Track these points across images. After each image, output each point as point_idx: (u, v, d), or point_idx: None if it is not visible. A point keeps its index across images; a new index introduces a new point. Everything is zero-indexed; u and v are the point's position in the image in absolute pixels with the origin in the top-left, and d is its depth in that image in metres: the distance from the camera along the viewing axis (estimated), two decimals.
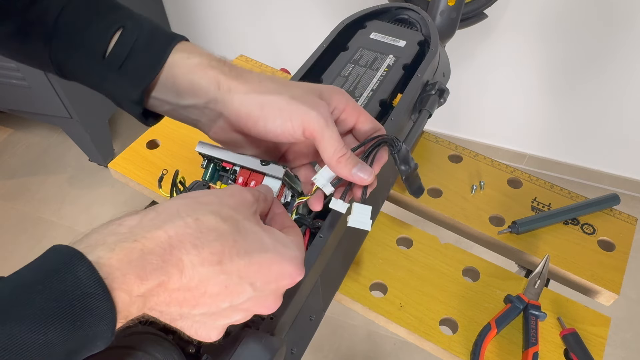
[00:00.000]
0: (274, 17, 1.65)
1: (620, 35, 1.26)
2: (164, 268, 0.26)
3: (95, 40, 0.39)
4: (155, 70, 0.38)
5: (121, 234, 0.27)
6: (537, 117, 1.57)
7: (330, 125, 0.37)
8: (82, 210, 1.67)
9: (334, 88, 0.40)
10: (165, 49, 0.38)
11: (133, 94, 0.39)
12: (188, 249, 0.27)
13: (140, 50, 0.38)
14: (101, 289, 0.24)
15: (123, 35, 0.39)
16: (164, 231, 0.27)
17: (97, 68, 0.39)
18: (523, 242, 0.64)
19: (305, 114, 0.36)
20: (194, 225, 0.28)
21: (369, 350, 1.33)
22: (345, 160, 0.37)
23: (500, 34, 1.38)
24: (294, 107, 0.37)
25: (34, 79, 1.41)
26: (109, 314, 0.24)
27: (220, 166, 0.44)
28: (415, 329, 0.55)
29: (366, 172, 0.37)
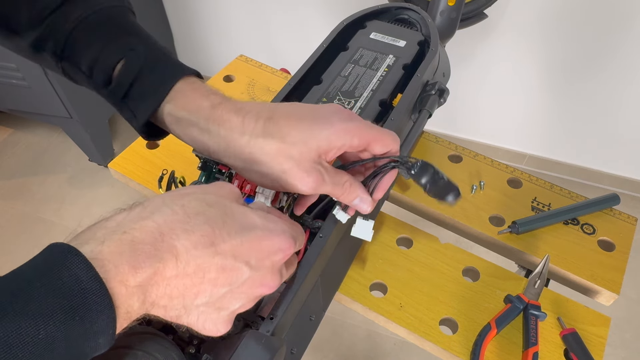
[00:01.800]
0: (274, 17, 1.65)
1: (620, 34, 1.26)
2: (158, 255, 0.27)
3: (100, 68, 0.40)
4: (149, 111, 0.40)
5: (110, 227, 0.27)
6: (537, 117, 1.57)
7: (321, 187, 0.37)
8: (82, 210, 1.67)
9: (341, 123, 0.37)
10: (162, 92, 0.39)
11: (136, 123, 0.41)
12: (179, 234, 0.28)
13: (140, 85, 0.40)
14: (97, 282, 0.24)
15: (125, 67, 0.40)
16: (153, 220, 0.28)
17: (103, 93, 0.42)
18: (523, 242, 0.64)
19: (300, 180, 0.37)
20: (181, 212, 0.29)
21: (369, 350, 1.33)
22: (344, 197, 0.39)
23: (500, 34, 1.38)
24: (285, 170, 0.37)
25: (34, 79, 1.41)
26: (107, 307, 0.24)
27: (216, 169, 0.45)
28: (415, 329, 0.55)
29: (365, 204, 0.40)
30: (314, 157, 0.37)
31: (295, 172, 0.36)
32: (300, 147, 0.36)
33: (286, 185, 0.37)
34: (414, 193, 0.68)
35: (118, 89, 0.40)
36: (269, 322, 0.39)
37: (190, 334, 0.39)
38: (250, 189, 0.43)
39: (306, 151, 0.36)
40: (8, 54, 1.35)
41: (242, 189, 0.43)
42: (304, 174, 0.37)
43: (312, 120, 0.37)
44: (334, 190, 0.38)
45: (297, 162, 0.36)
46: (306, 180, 0.37)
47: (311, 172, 0.36)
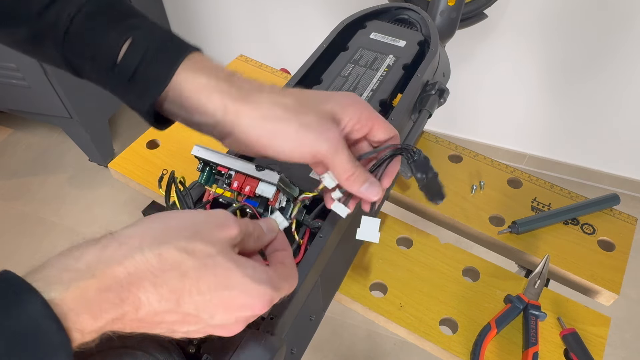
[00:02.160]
0: (274, 17, 1.65)
1: (620, 34, 1.26)
2: (120, 306, 0.26)
3: (105, 50, 0.38)
4: (161, 87, 0.37)
5: (77, 270, 0.26)
6: (537, 117, 1.57)
7: (340, 149, 0.36)
8: (82, 210, 1.67)
9: (348, 98, 0.39)
10: (172, 66, 0.37)
11: (142, 106, 0.39)
12: (146, 287, 0.27)
13: (148, 64, 0.38)
14: (57, 328, 0.24)
15: (132, 47, 0.38)
16: (124, 267, 0.26)
17: (108, 77, 0.39)
18: (523, 242, 0.64)
19: (314, 143, 0.36)
20: (155, 262, 0.27)
21: (369, 350, 1.33)
22: (354, 178, 0.37)
23: (500, 34, 1.38)
24: (303, 136, 0.36)
25: (34, 79, 1.41)
26: (63, 349, 0.24)
27: (216, 170, 0.45)
28: (415, 329, 0.55)
29: (374, 190, 0.38)
30: (330, 119, 0.37)
31: (316, 124, 0.36)
32: (317, 108, 0.37)
33: (301, 145, 0.36)
34: (414, 193, 0.68)
35: (125, 70, 0.38)
36: (269, 322, 0.39)
37: None
38: (250, 190, 0.43)
39: (322, 112, 0.37)
40: (8, 54, 1.35)
41: (241, 190, 0.43)
42: (326, 123, 0.37)
43: (320, 95, 0.39)
44: (347, 165, 0.37)
45: (317, 117, 0.37)
46: (328, 130, 0.36)
47: (332, 127, 0.37)
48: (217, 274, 0.29)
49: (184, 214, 0.31)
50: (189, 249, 0.28)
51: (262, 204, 0.43)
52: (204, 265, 0.28)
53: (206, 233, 0.30)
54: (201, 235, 0.29)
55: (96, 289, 0.25)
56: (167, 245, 0.28)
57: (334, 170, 0.37)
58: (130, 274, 0.26)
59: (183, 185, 0.44)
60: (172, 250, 0.28)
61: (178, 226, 0.29)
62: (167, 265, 0.27)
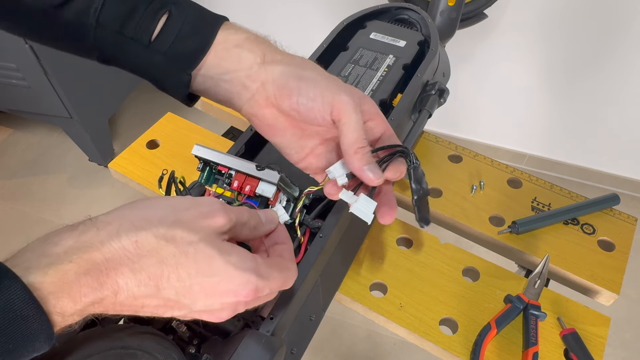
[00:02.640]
0: (273, 17, 1.65)
1: (620, 34, 1.26)
2: (99, 290, 0.26)
3: (141, 26, 0.39)
4: (203, 53, 0.39)
5: (55, 255, 0.26)
6: (537, 117, 1.57)
7: (358, 112, 0.37)
8: (82, 210, 1.67)
9: (366, 96, 0.40)
10: (212, 32, 0.40)
11: (182, 77, 0.40)
12: (125, 272, 0.27)
13: (187, 35, 0.39)
14: (36, 312, 0.24)
15: (169, 21, 0.39)
16: (101, 253, 0.26)
17: (142, 54, 0.40)
18: (523, 242, 0.64)
19: (337, 94, 0.37)
20: (132, 249, 0.27)
21: (369, 350, 1.33)
22: (362, 153, 0.37)
23: (500, 34, 1.38)
24: (327, 85, 0.38)
25: (34, 79, 1.41)
26: (44, 333, 0.24)
27: (216, 169, 0.45)
28: (415, 329, 0.55)
29: (376, 173, 0.37)
30: None
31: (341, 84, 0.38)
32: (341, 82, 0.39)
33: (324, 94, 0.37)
34: None
35: (162, 45, 0.39)
36: (269, 322, 0.39)
37: (190, 333, 0.39)
38: (250, 189, 0.43)
39: (345, 85, 0.39)
40: (8, 54, 1.35)
41: (241, 190, 0.43)
42: (351, 88, 0.39)
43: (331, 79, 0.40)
44: (361, 133, 0.37)
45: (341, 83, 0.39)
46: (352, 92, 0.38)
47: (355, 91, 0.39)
48: (198, 261, 0.28)
49: (167, 201, 0.31)
50: (168, 236, 0.28)
51: (263, 204, 0.43)
52: (184, 252, 0.28)
53: (189, 221, 0.29)
54: (183, 223, 0.29)
55: (75, 272, 0.25)
56: (144, 232, 0.28)
57: (347, 135, 0.37)
58: (108, 260, 0.26)
59: (183, 185, 0.44)
60: (150, 237, 0.28)
61: (159, 214, 0.29)
62: (144, 251, 0.27)
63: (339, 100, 0.37)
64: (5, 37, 1.29)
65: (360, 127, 0.37)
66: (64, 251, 0.26)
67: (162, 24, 0.39)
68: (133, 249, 0.27)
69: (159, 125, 0.76)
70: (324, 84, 0.38)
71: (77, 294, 0.25)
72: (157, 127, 0.76)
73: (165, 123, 0.77)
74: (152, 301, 0.28)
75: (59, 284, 0.25)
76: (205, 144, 0.44)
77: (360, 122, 0.37)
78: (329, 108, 0.37)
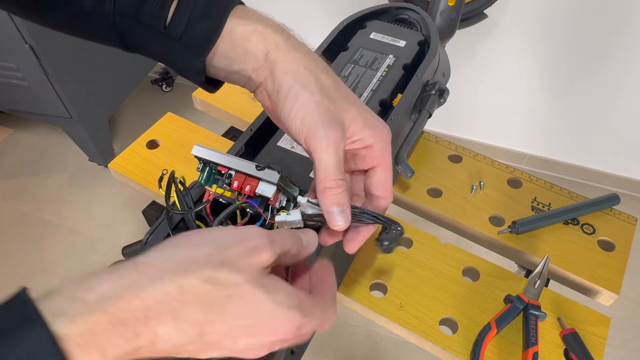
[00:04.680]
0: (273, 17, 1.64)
1: (619, 34, 1.26)
2: (134, 340, 0.24)
3: (155, 11, 0.38)
4: (214, 39, 0.38)
5: (89, 302, 0.24)
6: (537, 117, 1.57)
7: (332, 151, 0.34)
8: (82, 210, 1.67)
9: (379, 124, 0.37)
10: (222, 17, 0.38)
11: (195, 63, 0.39)
12: (165, 321, 0.25)
13: (198, 19, 0.38)
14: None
15: (180, 5, 0.38)
16: (141, 300, 0.25)
17: (159, 39, 0.39)
18: (523, 242, 0.64)
19: (315, 126, 0.34)
20: (177, 295, 0.25)
21: (369, 350, 1.33)
22: (330, 193, 0.35)
23: (500, 34, 1.39)
24: (310, 113, 0.35)
25: (34, 79, 1.41)
26: None
27: (216, 170, 0.44)
28: (415, 329, 0.55)
29: (343, 218, 0.35)
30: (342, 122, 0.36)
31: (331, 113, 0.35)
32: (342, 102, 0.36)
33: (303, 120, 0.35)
34: (414, 193, 0.68)
35: (175, 30, 0.38)
36: None
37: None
38: (250, 189, 0.43)
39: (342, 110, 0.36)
40: (8, 54, 1.35)
41: (241, 190, 0.43)
42: (337, 120, 0.35)
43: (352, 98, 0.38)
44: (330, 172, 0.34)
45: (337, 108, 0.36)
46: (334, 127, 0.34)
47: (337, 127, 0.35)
48: (244, 304, 0.27)
49: (211, 236, 0.29)
50: (215, 280, 0.26)
51: (262, 204, 0.43)
52: (229, 296, 0.27)
53: (235, 259, 0.28)
54: (229, 263, 0.27)
55: (108, 322, 0.24)
56: (190, 276, 0.26)
57: (317, 171, 0.35)
58: (148, 308, 0.25)
59: (183, 185, 0.44)
60: (196, 281, 0.26)
61: (204, 252, 0.27)
62: (189, 297, 0.26)
63: (313, 136, 0.34)
64: (6, 37, 1.29)
65: (331, 167, 0.34)
66: (99, 298, 0.24)
67: (173, 9, 0.38)
68: (177, 295, 0.25)
69: (159, 125, 0.76)
70: (307, 109, 0.35)
71: (108, 346, 0.23)
72: (157, 127, 0.76)
73: (165, 123, 0.77)
74: (192, 347, 0.27)
75: (88, 336, 0.23)
76: (205, 144, 0.44)
77: (332, 160, 0.34)
78: (303, 136, 0.35)
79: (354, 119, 0.36)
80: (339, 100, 0.36)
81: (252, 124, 0.55)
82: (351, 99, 0.37)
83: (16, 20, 1.25)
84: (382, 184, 0.38)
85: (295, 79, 0.36)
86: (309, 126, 0.35)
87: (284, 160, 0.44)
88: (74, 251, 1.56)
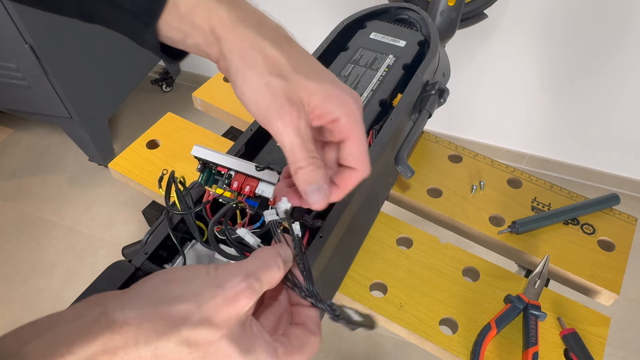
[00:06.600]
0: (273, 17, 1.64)
1: (620, 33, 1.26)
2: None
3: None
4: (158, 9, 0.34)
5: None
6: (537, 117, 1.57)
7: (291, 132, 0.32)
8: (82, 210, 1.67)
9: (342, 95, 0.34)
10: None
11: (145, 34, 0.36)
12: None
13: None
14: None
15: None
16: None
17: (111, 10, 0.36)
18: (523, 242, 0.64)
19: (268, 109, 0.32)
20: (151, 358, 0.25)
21: (369, 351, 1.33)
22: (302, 172, 0.33)
23: (500, 34, 1.39)
24: (262, 97, 0.32)
25: (34, 79, 1.41)
26: None
27: (215, 170, 0.44)
28: (415, 329, 0.55)
29: (320, 195, 0.33)
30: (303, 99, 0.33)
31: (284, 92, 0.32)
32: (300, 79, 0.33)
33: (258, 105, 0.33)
34: (414, 193, 0.68)
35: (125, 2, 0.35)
36: None
37: None
38: (250, 190, 0.43)
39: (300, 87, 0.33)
40: (8, 54, 1.35)
41: (241, 190, 0.43)
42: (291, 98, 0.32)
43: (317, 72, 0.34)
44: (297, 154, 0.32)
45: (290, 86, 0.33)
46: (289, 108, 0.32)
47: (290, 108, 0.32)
48: None
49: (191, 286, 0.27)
50: (191, 341, 0.25)
51: (262, 204, 0.43)
52: (204, 355, 0.26)
53: (213, 314, 0.26)
54: (207, 319, 0.26)
55: None
56: (165, 339, 0.25)
57: (284, 152, 0.33)
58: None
59: (183, 185, 0.44)
60: (172, 344, 0.25)
61: (182, 310, 0.26)
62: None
63: (269, 117, 0.32)
64: (6, 37, 1.29)
65: (297, 147, 0.32)
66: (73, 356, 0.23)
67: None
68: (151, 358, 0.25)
69: (159, 125, 0.76)
70: (262, 89, 0.32)
71: None
72: (157, 127, 0.76)
73: (165, 123, 0.77)
74: None
75: None
76: (205, 144, 0.44)
77: (295, 141, 0.32)
78: (260, 119, 0.33)
79: (312, 93, 0.33)
80: (293, 77, 0.33)
81: (252, 124, 0.55)
82: (309, 71, 0.34)
83: (16, 20, 1.25)
84: (353, 157, 0.36)
85: (243, 59, 0.33)
86: (263, 110, 0.32)
87: (283, 160, 0.44)
88: (74, 251, 1.56)
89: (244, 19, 0.34)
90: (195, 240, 0.46)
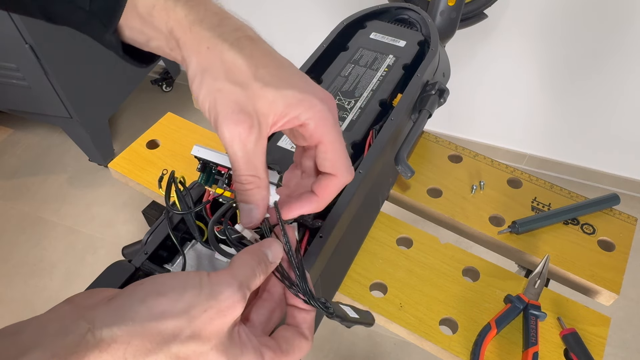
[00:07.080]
0: (273, 17, 1.65)
1: (620, 33, 1.26)
2: None
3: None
4: (117, 11, 0.33)
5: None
6: (537, 117, 1.57)
7: (236, 146, 0.30)
8: (82, 210, 1.67)
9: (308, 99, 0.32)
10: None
11: (106, 37, 0.34)
12: None
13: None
14: None
15: None
16: None
17: (71, 11, 0.35)
18: (523, 242, 0.64)
19: (218, 118, 0.31)
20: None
21: (369, 351, 1.33)
22: (238, 189, 0.32)
23: (500, 34, 1.38)
24: (213, 103, 0.31)
25: (34, 79, 1.41)
26: None
27: (215, 170, 0.44)
28: (415, 329, 0.55)
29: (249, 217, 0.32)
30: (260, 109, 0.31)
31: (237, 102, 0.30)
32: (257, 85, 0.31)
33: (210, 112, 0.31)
34: (414, 193, 0.68)
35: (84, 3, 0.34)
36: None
37: None
38: None
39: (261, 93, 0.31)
40: (8, 54, 1.35)
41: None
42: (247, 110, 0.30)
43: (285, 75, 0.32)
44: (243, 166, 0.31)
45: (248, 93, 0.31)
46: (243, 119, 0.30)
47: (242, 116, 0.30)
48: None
49: (182, 297, 0.26)
50: (181, 355, 0.25)
51: None
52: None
53: (204, 327, 0.26)
54: (197, 333, 0.26)
55: None
56: (154, 356, 0.24)
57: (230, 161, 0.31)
58: None
59: (183, 185, 0.44)
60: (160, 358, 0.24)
61: (173, 326, 0.25)
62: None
63: (218, 126, 0.30)
64: (6, 37, 1.29)
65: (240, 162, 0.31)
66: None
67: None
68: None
69: (159, 125, 0.76)
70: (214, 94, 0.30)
71: None
72: (157, 127, 0.76)
73: (165, 123, 0.77)
74: None
75: None
76: (205, 144, 0.44)
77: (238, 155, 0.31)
78: (213, 124, 0.31)
79: (271, 102, 0.31)
80: (251, 85, 0.31)
81: None
82: (270, 77, 0.32)
83: (16, 20, 1.25)
84: (329, 162, 0.34)
85: (199, 62, 0.31)
86: (214, 117, 0.31)
87: (283, 160, 0.44)
88: (74, 251, 1.56)
89: (203, 19, 0.32)
90: (195, 240, 0.46)
